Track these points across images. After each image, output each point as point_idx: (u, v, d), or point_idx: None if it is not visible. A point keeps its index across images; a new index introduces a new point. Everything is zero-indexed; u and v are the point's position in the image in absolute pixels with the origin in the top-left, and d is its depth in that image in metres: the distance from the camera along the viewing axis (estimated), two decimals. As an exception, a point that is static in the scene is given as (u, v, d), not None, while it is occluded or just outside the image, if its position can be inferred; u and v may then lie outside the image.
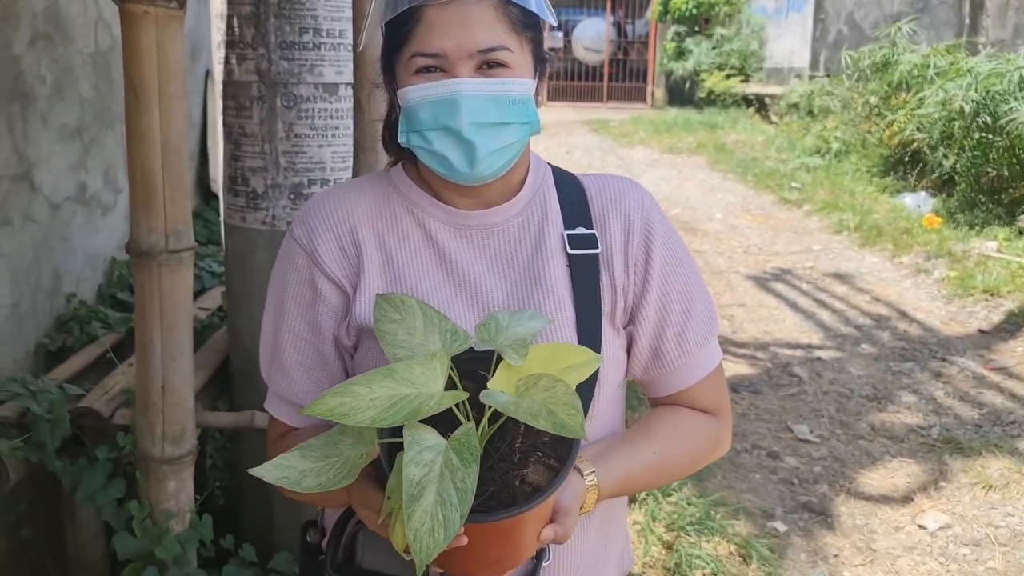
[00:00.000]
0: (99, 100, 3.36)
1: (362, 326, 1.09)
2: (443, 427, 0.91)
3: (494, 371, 0.96)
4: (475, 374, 0.99)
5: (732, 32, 14.67)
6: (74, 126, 3.16)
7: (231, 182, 2.54)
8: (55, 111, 3.00)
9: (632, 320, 1.15)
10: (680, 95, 15.35)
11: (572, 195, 1.16)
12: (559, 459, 0.95)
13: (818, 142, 9.62)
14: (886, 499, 3.23)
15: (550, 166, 1.20)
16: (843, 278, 5.85)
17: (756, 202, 8.14)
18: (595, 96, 17.43)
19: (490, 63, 1.02)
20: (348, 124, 2.47)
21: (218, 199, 3.68)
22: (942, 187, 7.42)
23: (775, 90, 12.69)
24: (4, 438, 2.08)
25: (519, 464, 0.95)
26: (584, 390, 1.05)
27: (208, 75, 4.72)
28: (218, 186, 3.71)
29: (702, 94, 14.33)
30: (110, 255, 3.47)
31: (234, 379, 2.66)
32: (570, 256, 1.12)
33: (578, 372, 0.97)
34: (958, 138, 7.08)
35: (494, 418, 0.95)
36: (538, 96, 1.10)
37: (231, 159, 2.52)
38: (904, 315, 5.13)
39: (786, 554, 2.89)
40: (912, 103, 7.85)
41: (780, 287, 5.73)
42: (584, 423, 0.89)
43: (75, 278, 3.16)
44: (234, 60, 2.44)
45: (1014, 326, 4.82)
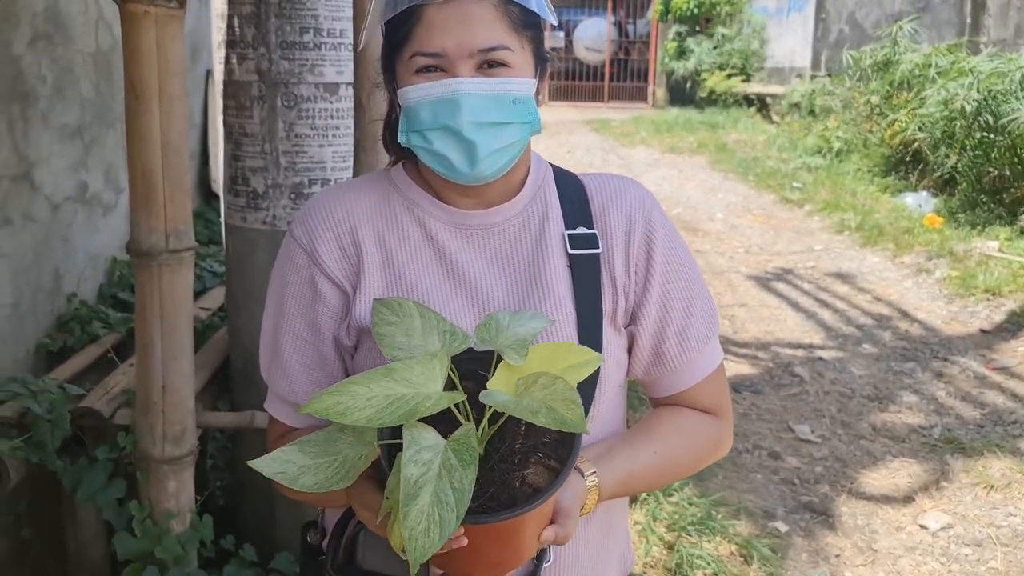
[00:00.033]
0: (100, 100, 3.36)
1: (362, 326, 1.09)
2: (443, 427, 0.90)
3: (494, 371, 0.96)
4: (475, 374, 0.98)
5: (733, 32, 14.67)
6: (75, 126, 3.16)
7: (231, 182, 2.53)
8: (55, 111, 3.00)
9: (633, 320, 1.14)
10: (681, 95, 15.34)
11: (573, 195, 1.16)
12: (560, 460, 0.94)
13: (819, 142, 9.61)
14: (887, 499, 3.23)
15: (551, 166, 1.20)
16: (844, 278, 5.85)
17: (757, 202, 8.14)
18: (596, 96, 17.43)
19: (491, 62, 1.02)
20: (349, 124, 2.47)
21: (219, 199, 3.68)
22: (943, 187, 7.41)
23: (776, 90, 12.68)
24: (5, 438, 2.08)
25: (519, 465, 0.94)
26: (585, 390, 1.05)
27: (209, 75, 4.72)
28: (219, 186, 3.71)
29: (703, 94, 14.33)
30: (111, 255, 3.47)
31: (234, 379, 2.66)
32: (571, 256, 1.11)
33: (579, 372, 0.96)
34: (959, 138, 7.08)
35: (494, 419, 0.94)
36: (539, 95, 1.10)
37: (231, 159, 2.52)
38: (905, 315, 5.12)
39: (787, 554, 2.89)
40: (913, 103, 7.85)
41: (781, 287, 5.72)
42: (584, 417, 0.89)
43: (76, 278, 3.16)
44: (234, 60, 2.44)
45: (1016, 326, 4.82)
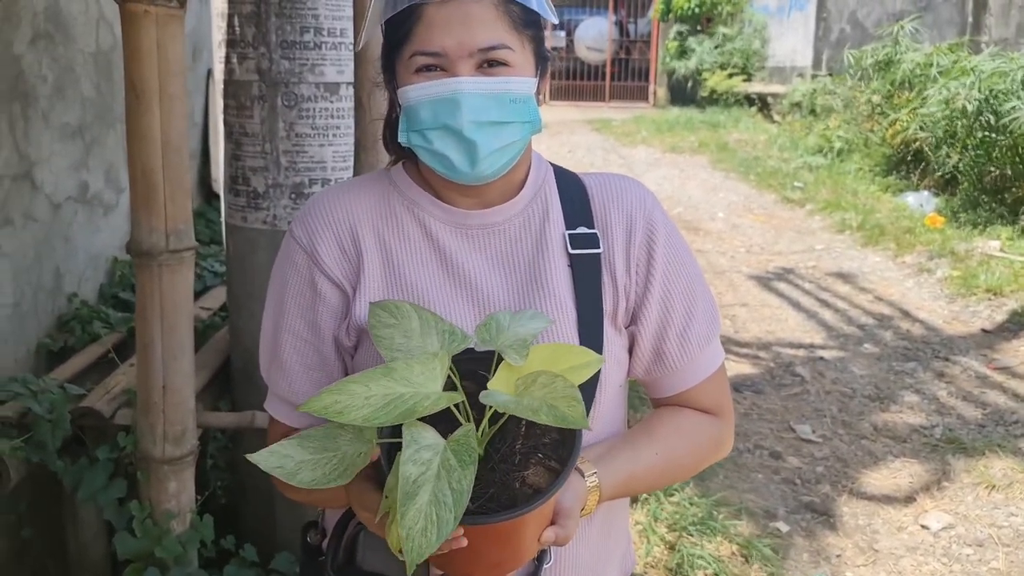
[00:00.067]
0: (100, 99, 3.36)
1: (362, 327, 1.09)
2: (443, 427, 0.90)
3: (495, 372, 0.95)
4: (475, 375, 0.98)
5: (734, 31, 14.67)
6: (75, 125, 3.16)
7: (232, 182, 2.53)
8: (56, 110, 3.00)
9: (634, 320, 1.14)
10: (682, 94, 15.34)
11: (574, 194, 1.16)
12: (560, 461, 0.94)
13: (820, 141, 9.60)
14: (889, 499, 3.22)
15: (552, 165, 1.19)
16: (846, 277, 5.84)
17: (758, 201, 8.13)
18: (597, 95, 17.42)
19: (491, 62, 1.02)
20: (349, 123, 2.47)
21: (220, 198, 3.68)
22: (945, 186, 7.41)
23: (777, 89, 12.68)
24: (5, 438, 2.07)
25: (520, 466, 0.94)
26: (586, 391, 1.04)
27: (210, 74, 4.71)
28: (220, 185, 3.71)
29: (704, 93, 14.33)
30: (112, 255, 3.47)
31: (235, 379, 2.66)
32: (571, 256, 1.11)
33: (580, 373, 0.96)
34: (961, 137, 7.07)
35: (495, 419, 0.94)
36: (539, 95, 1.10)
37: (232, 158, 2.52)
38: (907, 315, 5.12)
39: (788, 554, 2.89)
40: (915, 102, 7.84)
41: (782, 286, 5.72)
42: (586, 413, 0.89)
43: (77, 278, 3.16)
44: (235, 59, 2.44)
45: (1017, 325, 4.81)
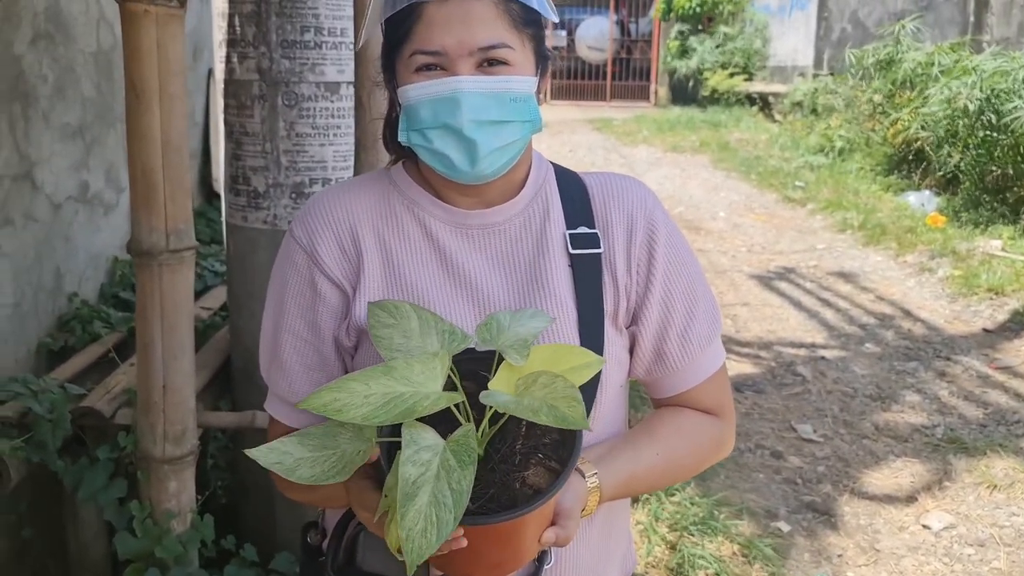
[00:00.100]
0: (101, 99, 3.36)
1: (362, 327, 1.08)
2: (443, 428, 0.90)
3: (495, 372, 0.95)
4: (476, 375, 0.98)
5: (736, 30, 14.66)
6: (76, 125, 3.15)
7: (232, 181, 2.53)
8: (57, 110, 3.00)
9: (635, 320, 1.14)
10: (683, 94, 15.33)
11: (574, 194, 1.15)
12: (560, 461, 0.94)
13: (822, 141, 9.59)
14: (890, 499, 3.22)
15: (552, 164, 1.19)
16: (847, 277, 5.84)
17: (760, 201, 8.12)
18: (598, 95, 17.41)
19: (491, 61, 1.01)
20: (350, 123, 2.46)
21: (220, 198, 3.68)
22: (946, 186, 7.40)
23: (779, 88, 12.67)
24: (5, 438, 2.07)
25: (520, 466, 0.94)
26: (587, 391, 1.04)
27: (211, 74, 4.71)
28: (221, 185, 3.71)
29: (705, 92, 14.32)
30: (112, 254, 3.46)
31: (236, 379, 2.65)
32: (572, 256, 1.11)
33: (580, 373, 0.96)
34: (962, 136, 7.06)
35: (495, 419, 0.94)
36: (540, 94, 1.09)
37: (232, 158, 2.52)
38: (908, 314, 5.11)
39: (789, 554, 2.88)
40: (916, 101, 7.83)
41: (784, 286, 5.71)
42: (586, 413, 0.88)
43: (77, 277, 3.16)
44: (235, 59, 2.43)
45: (1019, 325, 4.80)
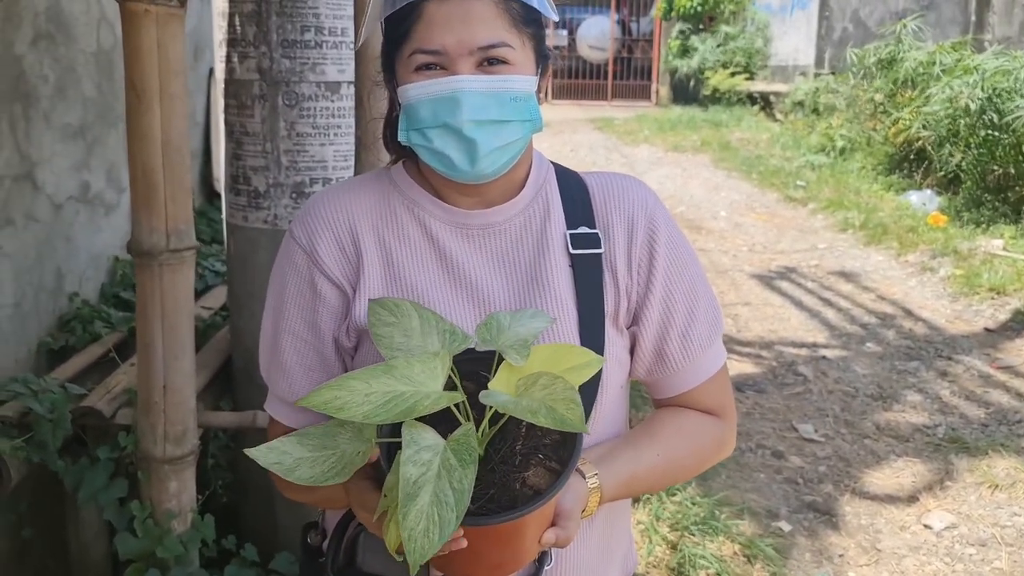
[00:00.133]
0: (102, 99, 3.35)
1: (362, 327, 1.08)
2: (442, 428, 0.89)
3: (495, 372, 0.95)
4: (476, 375, 0.97)
5: (737, 30, 14.65)
6: (77, 125, 3.15)
7: (233, 181, 2.53)
8: (58, 111, 3.00)
9: (635, 321, 1.13)
10: (685, 93, 15.32)
11: (575, 194, 1.15)
12: (561, 462, 0.94)
13: (823, 140, 9.58)
14: (891, 499, 3.21)
15: (553, 164, 1.19)
16: (848, 276, 5.83)
17: (761, 200, 8.12)
18: (600, 94, 17.41)
19: (491, 60, 1.01)
20: (350, 123, 2.46)
21: (221, 198, 3.67)
22: (948, 185, 7.39)
23: (780, 88, 12.66)
24: (6, 438, 2.07)
25: (520, 467, 0.93)
26: (587, 392, 1.04)
27: (211, 74, 4.71)
28: (221, 185, 3.71)
29: (707, 92, 14.31)
30: (113, 254, 3.46)
31: (236, 378, 2.65)
32: (572, 256, 1.10)
33: (580, 373, 0.95)
34: (964, 136, 7.05)
35: (495, 419, 0.93)
36: (540, 93, 1.09)
37: (233, 158, 2.51)
38: (909, 314, 5.11)
39: (791, 554, 2.88)
40: (918, 101, 7.82)
41: (785, 285, 5.71)
42: (584, 416, 0.88)
43: (78, 277, 3.16)
44: (236, 58, 2.43)
45: (1020, 324, 4.80)
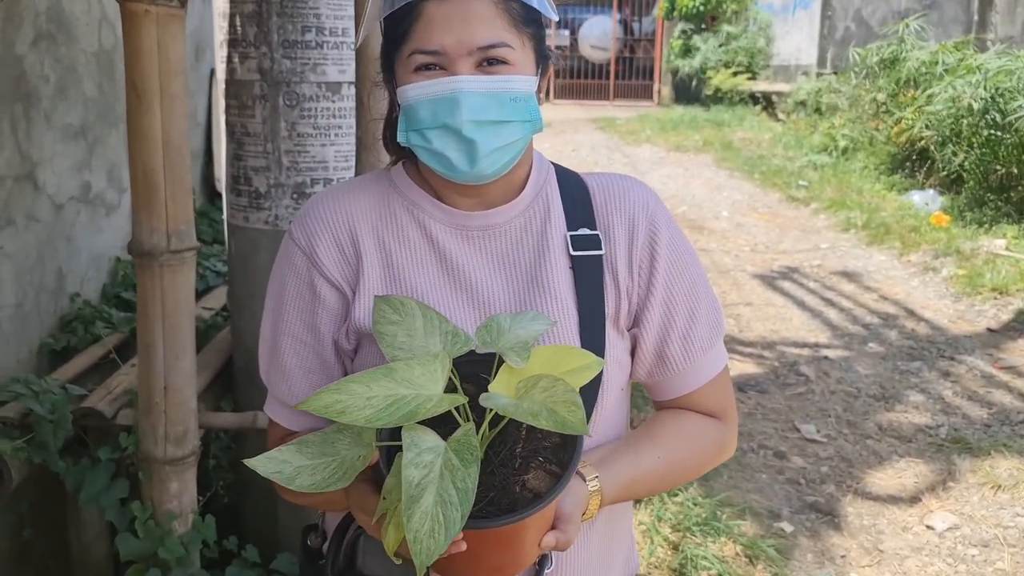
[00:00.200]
0: (103, 99, 3.35)
1: (361, 329, 1.08)
2: (442, 429, 0.89)
3: (495, 374, 0.94)
4: (476, 377, 0.97)
5: (739, 29, 14.63)
6: (78, 126, 3.15)
7: (234, 181, 2.53)
8: (59, 111, 3.00)
9: (636, 323, 1.13)
10: (687, 93, 15.31)
11: (576, 195, 1.14)
12: (561, 464, 0.93)
13: (825, 140, 9.57)
14: (894, 499, 3.21)
15: (553, 165, 1.18)
16: (850, 276, 5.82)
17: (763, 200, 8.11)
18: (601, 94, 17.41)
19: (491, 60, 1.01)
20: (351, 123, 2.46)
21: (223, 198, 3.67)
22: (950, 185, 7.38)
23: (782, 87, 12.65)
24: (7, 439, 2.07)
25: (520, 470, 0.93)
26: (588, 394, 1.03)
27: (213, 74, 4.71)
28: (223, 185, 3.71)
29: (709, 92, 14.30)
30: (114, 254, 3.46)
31: (237, 379, 2.65)
32: (573, 258, 1.10)
33: (580, 375, 0.95)
34: (966, 135, 7.04)
35: (495, 422, 0.93)
36: (540, 93, 1.09)
37: (234, 158, 2.51)
38: (912, 314, 5.10)
39: (793, 555, 2.87)
40: (920, 100, 7.81)
41: (787, 285, 5.70)
42: (586, 418, 0.88)
43: (79, 278, 3.16)
44: (236, 59, 2.43)
45: (1023, 325, 4.79)
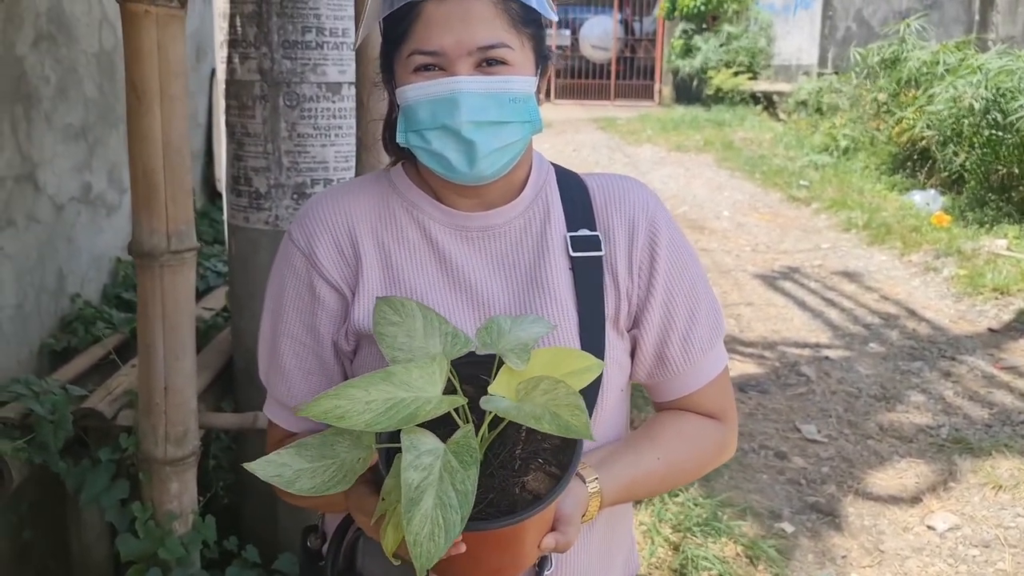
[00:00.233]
0: (103, 100, 3.35)
1: (361, 331, 1.07)
2: (442, 431, 0.89)
3: (495, 376, 0.94)
4: (476, 379, 0.97)
5: (740, 29, 14.63)
6: (78, 126, 3.15)
7: (234, 182, 2.53)
8: (59, 111, 3.00)
9: (636, 324, 1.13)
10: (688, 93, 15.31)
11: (575, 196, 1.14)
12: (560, 466, 0.93)
13: (826, 140, 9.57)
14: (895, 500, 3.20)
15: (553, 165, 1.18)
16: (851, 276, 5.82)
17: (764, 200, 8.10)
18: (602, 94, 17.41)
19: (490, 60, 1.00)
20: (351, 123, 2.46)
21: (223, 198, 3.67)
22: (951, 185, 7.37)
23: (783, 87, 12.64)
24: (7, 439, 2.07)
25: (519, 471, 0.93)
26: (588, 396, 1.03)
27: (213, 74, 4.71)
28: (223, 185, 3.71)
29: (710, 92, 14.29)
30: (115, 255, 3.46)
31: (238, 379, 2.65)
32: (573, 259, 1.10)
33: (580, 377, 0.94)
34: (967, 135, 7.04)
35: (494, 423, 0.93)
36: (540, 94, 1.08)
37: (234, 159, 2.51)
38: (913, 314, 5.09)
39: (793, 555, 2.87)
40: (921, 100, 7.81)
41: (788, 285, 5.69)
42: (589, 423, 0.87)
43: (79, 278, 3.16)
44: (237, 59, 2.43)
45: (1024, 325, 4.79)
